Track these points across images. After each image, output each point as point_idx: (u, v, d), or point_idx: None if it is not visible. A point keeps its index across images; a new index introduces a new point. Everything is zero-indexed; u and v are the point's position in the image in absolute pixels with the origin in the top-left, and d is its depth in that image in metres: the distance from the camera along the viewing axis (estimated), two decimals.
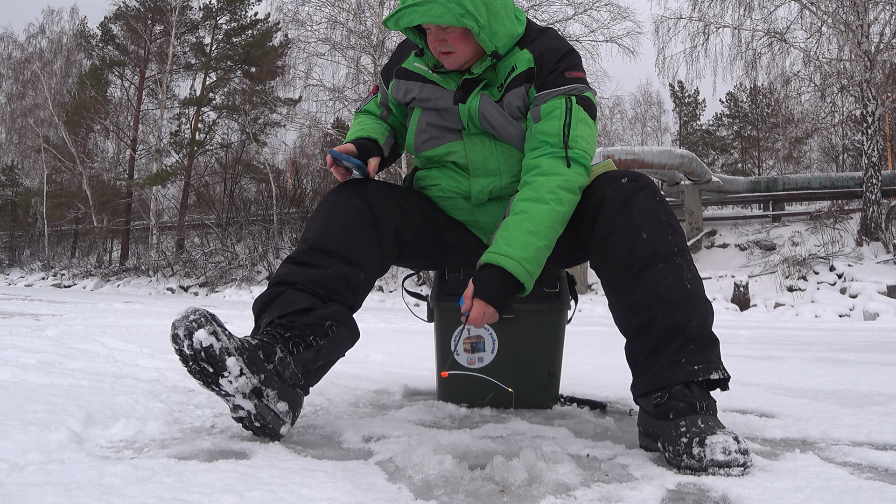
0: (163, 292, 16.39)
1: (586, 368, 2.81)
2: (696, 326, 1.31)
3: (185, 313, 1.21)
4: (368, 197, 1.51)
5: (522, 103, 1.54)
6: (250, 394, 1.24)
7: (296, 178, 21.06)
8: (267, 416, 1.27)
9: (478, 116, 1.55)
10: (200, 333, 1.18)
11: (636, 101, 29.90)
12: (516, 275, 1.35)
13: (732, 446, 1.14)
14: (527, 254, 1.36)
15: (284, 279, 1.41)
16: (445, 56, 1.52)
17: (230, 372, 1.20)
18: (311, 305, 1.37)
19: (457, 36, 1.49)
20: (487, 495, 1.02)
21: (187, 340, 1.18)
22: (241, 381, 1.22)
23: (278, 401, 1.28)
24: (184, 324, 1.19)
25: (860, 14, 11.27)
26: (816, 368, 2.96)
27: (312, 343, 1.34)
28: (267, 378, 1.27)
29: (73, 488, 0.94)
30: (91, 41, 24.42)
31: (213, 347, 1.18)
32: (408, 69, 1.65)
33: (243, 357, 1.23)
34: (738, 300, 9.90)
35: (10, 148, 27.67)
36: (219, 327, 1.21)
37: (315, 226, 1.49)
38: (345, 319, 1.42)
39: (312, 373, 1.37)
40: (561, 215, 1.41)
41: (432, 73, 1.60)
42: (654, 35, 14.05)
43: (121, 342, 3.05)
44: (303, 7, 14.98)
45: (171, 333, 1.20)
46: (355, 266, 1.44)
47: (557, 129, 1.46)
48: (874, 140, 11.51)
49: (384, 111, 1.75)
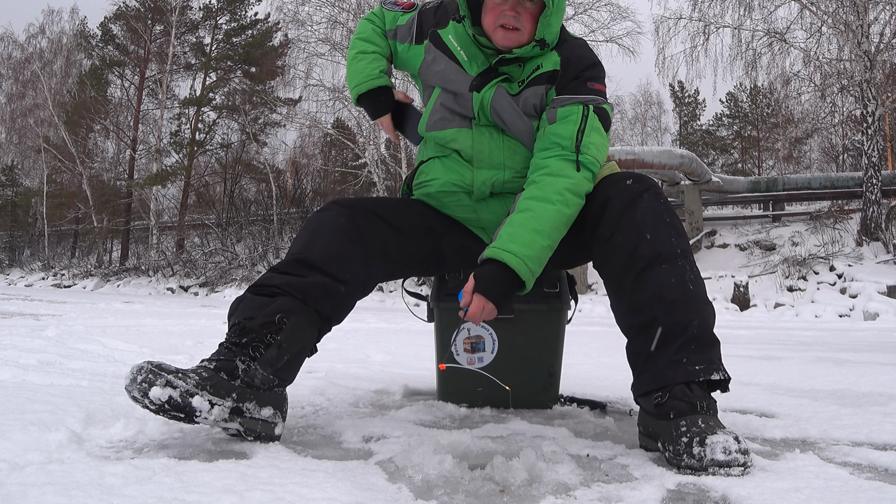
0: (163, 292, 16.39)
1: (586, 368, 2.81)
2: (697, 327, 1.31)
3: (132, 376, 1.19)
4: (354, 216, 1.49)
5: (539, 102, 1.54)
6: (230, 416, 1.24)
7: (296, 178, 21.08)
8: (256, 427, 1.27)
9: (489, 108, 1.55)
10: (154, 391, 1.17)
11: (636, 101, 29.92)
12: (519, 272, 1.35)
13: (733, 446, 1.13)
14: (530, 252, 1.36)
15: (262, 282, 1.40)
16: (508, 32, 1.51)
17: (201, 411, 1.20)
18: (261, 305, 1.35)
19: (532, 13, 1.49)
20: (487, 495, 1.02)
21: (146, 400, 1.18)
22: (216, 411, 1.22)
23: (261, 409, 1.28)
24: (135, 387, 1.18)
25: (860, 14, 11.28)
26: (816, 368, 2.96)
27: (271, 341, 1.32)
28: (240, 395, 1.25)
29: (73, 488, 0.94)
30: (91, 41, 24.43)
31: (172, 398, 1.17)
32: (442, 39, 1.63)
33: (207, 388, 1.21)
34: (738, 300, 9.90)
35: (10, 148, 27.67)
36: (170, 374, 1.20)
37: (300, 242, 1.48)
38: (293, 307, 1.36)
39: (283, 370, 1.34)
40: (566, 217, 1.41)
41: (461, 51, 1.59)
42: (654, 35, 14.08)
43: (121, 342, 3.05)
44: (303, 7, 15.01)
45: (130, 397, 1.20)
46: (336, 280, 1.41)
47: (571, 132, 1.46)
48: (874, 140, 11.51)
49: (391, 34, 1.73)
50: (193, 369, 1.25)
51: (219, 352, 1.32)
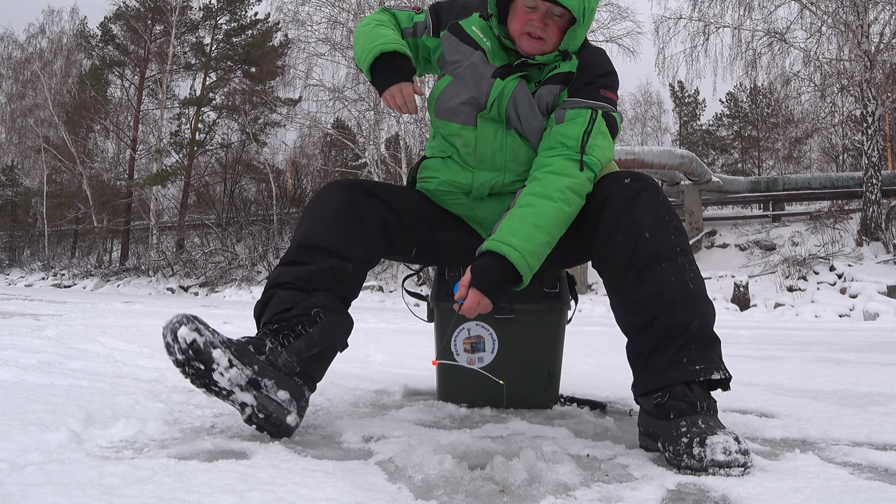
0: (163, 292, 16.39)
1: (586, 368, 2.81)
2: (697, 326, 1.31)
3: (169, 319, 1.24)
4: (353, 195, 1.52)
5: (552, 101, 1.54)
6: (247, 385, 1.26)
7: (296, 178, 21.08)
8: (269, 406, 1.28)
9: (508, 98, 1.54)
10: (182, 330, 1.22)
11: (636, 101, 29.89)
12: (517, 266, 1.34)
13: (733, 446, 1.13)
14: (530, 247, 1.36)
15: (276, 281, 1.44)
16: (533, 41, 1.51)
17: (218, 364, 1.22)
18: (298, 300, 1.38)
19: (559, 26, 1.50)
20: (487, 495, 1.02)
21: (176, 344, 1.22)
22: (234, 373, 1.24)
23: (278, 390, 1.30)
24: (169, 328, 1.23)
25: (860, 14, 11.27)
26: (816, 368, 2.96)
27: (301, 332, 1.35)
28: (261, 369, 1.28)
29: (73, 488, 0.94)
30: (91, 41, 24.42)
31: (196, 342, 1.21)
32: (464, 30, 1.61)
33: (230, 349, 1.25)
34: (738, 300, 9.89)
35: (10, 148, 27.65)
36: (201, 325, 1.24)
37: (303, 226, 1.51)
38: (331, 305, 1.40)
39: (308, 361, 1.35)
40: (567, 216, 1.42)
41: (486, 41, 1.58)
42: (654, 35, 14.05)
43: (121, 342, 3.05)
44: (303, 7, 14.99)
45: (164, 343, 1.24)
46: (341, 258, 1.44)
47: (577, 133, 1.47)
48: (874, 140, 11.51)
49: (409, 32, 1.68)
50: (223, 336, 1.28)
51: (251, 336, 1.36)
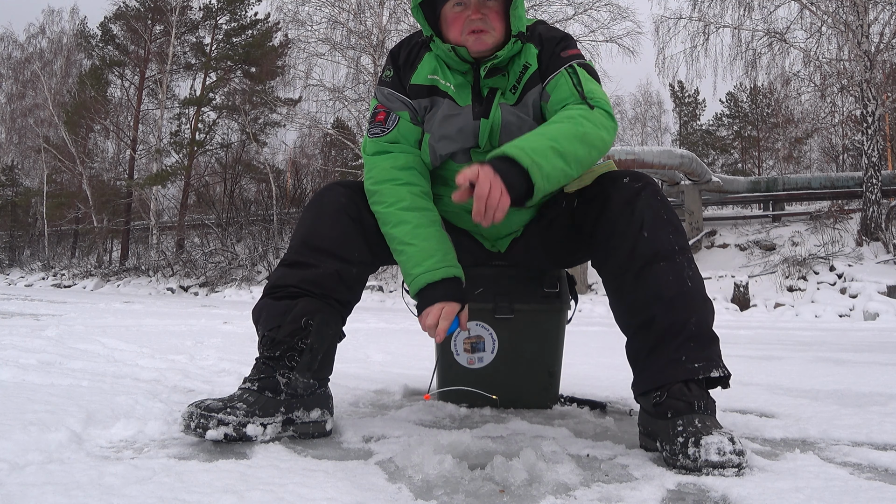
0: (163, 292, 16.38)
1: (586, 368, 2.81)
2: (695, 324, 1.31)
3: (185, 422, 1.26)
4: (355, 196, 1.50)
5: (541, 99, 1.51)
6: (283, 428, 1.34)
7: (296, 178, 21.08)
8: (308, 430, 1.38)
9: (500, 131, 1.48)
10: (210, 434, 1.25)
11: (636, 101, 29.96)
12: (531, 172, 1.19)
13: (727, 447, 1.13)
14: (540, 152, 1.23)
15: (278, 283, 1.43)
16: (478, 35, 1.44)
17: (256, 435, 1.30)
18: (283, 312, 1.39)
19: (497, 11, 1.46)
20: (487, 495, 1.02)
21: (205, 439, 1.26)
22: (270, 430, 1.32)
23: (309, 412, 1.37)
24: (191, 433, 1.26)
25: (860, 14, 11.27)
26: (816, 368, 2.96)
27: (302, 346, 1.37)
28: (287, 406, 1.35)
29: (73, 488, 0.94)
30: (91, 41, 24.43)
31: (227, 434, 1.26)
32: (420, 84, 1.52)
33: (256, 413, 1.30)
34: (738, 300, 9.89)
35: (10, 148, 27.67)
36: (219, 413, 1.26)
37: (305, 224, 1.49)
38: (314, 307, 1.39)
39: (320, 369, 1.41)
40: (580, 133, 1.31)
41: (448, 85, 1.50)
42: (654, 35, 14.07)
43: (121, 342, 3.05)
44: (303, 7, 15.01)
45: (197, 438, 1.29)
46: (346, 262, 1.44)
47: (570, 89, 1.43)
48: (874, 140, 11.51)
49: (413, 137, 1.54)
50: (239, 396, 1.33)
51: (258, 368, 1.39)
